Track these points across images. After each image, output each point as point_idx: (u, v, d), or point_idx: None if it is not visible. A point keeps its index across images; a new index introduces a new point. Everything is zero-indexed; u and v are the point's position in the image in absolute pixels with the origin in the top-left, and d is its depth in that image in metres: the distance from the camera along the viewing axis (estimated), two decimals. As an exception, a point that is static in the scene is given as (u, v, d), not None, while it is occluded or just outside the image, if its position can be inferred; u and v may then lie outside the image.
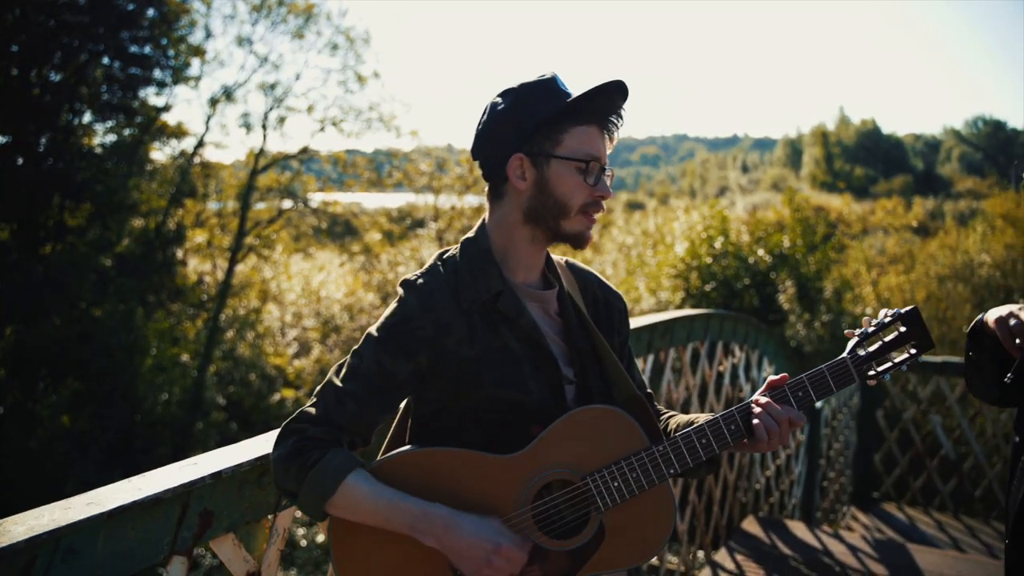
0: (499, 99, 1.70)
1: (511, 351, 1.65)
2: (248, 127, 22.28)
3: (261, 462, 1.78)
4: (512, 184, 1.67)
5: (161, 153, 22.22)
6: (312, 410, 1.61)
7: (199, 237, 22.76)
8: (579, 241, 1.69)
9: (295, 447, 1.57)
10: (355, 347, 1.66)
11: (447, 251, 1.74)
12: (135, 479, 1.63)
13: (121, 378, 17.27)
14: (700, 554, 4.80)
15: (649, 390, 1.96)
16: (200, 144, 21.77)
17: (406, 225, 24.81)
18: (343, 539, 1.63)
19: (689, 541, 4.61)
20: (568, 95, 1.65)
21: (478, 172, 1.78)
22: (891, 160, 58.49)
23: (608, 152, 1.71)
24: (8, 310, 16.89)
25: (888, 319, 1.71)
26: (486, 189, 1.75)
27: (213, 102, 21.73)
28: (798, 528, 5.26)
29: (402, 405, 1.80)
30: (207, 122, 21.70)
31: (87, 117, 19.87)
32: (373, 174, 23.65)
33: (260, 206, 24.34)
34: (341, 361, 1.67)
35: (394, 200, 27.11)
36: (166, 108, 20.90)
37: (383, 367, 1.61)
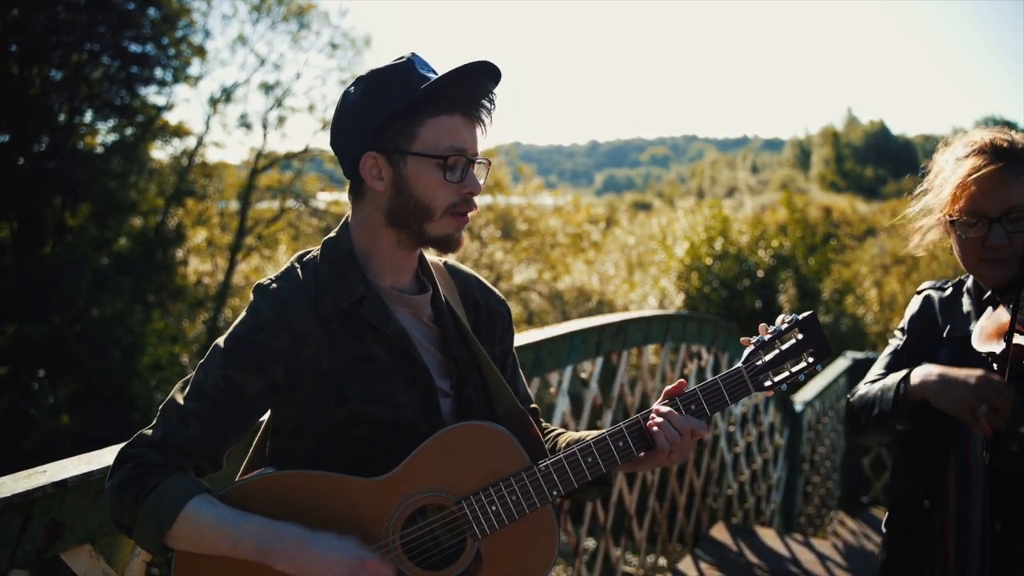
0: (352, 88, 1.54)
1: (378, 362, 1.52)
2: (248, 127, 22.28)
3: (117, 470, 1.68)
4: (369, 185, 1.53)
5: (162, 152, 22.27)
6: (153, 433, 1.46)
7: (199, 236, 22.77)
8: (447, 245, 1.55)
9: (130, 475, 1.40)
10: (201, 361, 1.51)
11: (307, 252, 1.60)
12: (-30, 489, 1.54)
13: (118, 378, 17.26)
14: (662, 562, 4.68)
15: (534, 405, 1.81)
16: (200, 143, 21.79)
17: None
18: (187, 569, 1.46)
19: (649, 548, 4.50)
20: (425, 79, 1.49)
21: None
22: (901, 161, 58.06)
23: (480, 140, 1.54)
24: (7, 309, 16.91)
25: (785, 326, 1.61)
26: (347, 186, 1.60)
27: (213, 102, 21.75)
28: (768, 536, 5.15)
29: (264, 421, 1.67)
30: (207, 122, 21.75)
31: (88, 116, 19.94)
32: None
33: (262, 205, 24.34)
34: (187, 377, 1.52)
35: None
36: (167, 107, 20.96)
37: (231, 382, 1.46)
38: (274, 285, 1.53)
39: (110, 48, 19.13)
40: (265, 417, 1.65)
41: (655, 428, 1.54)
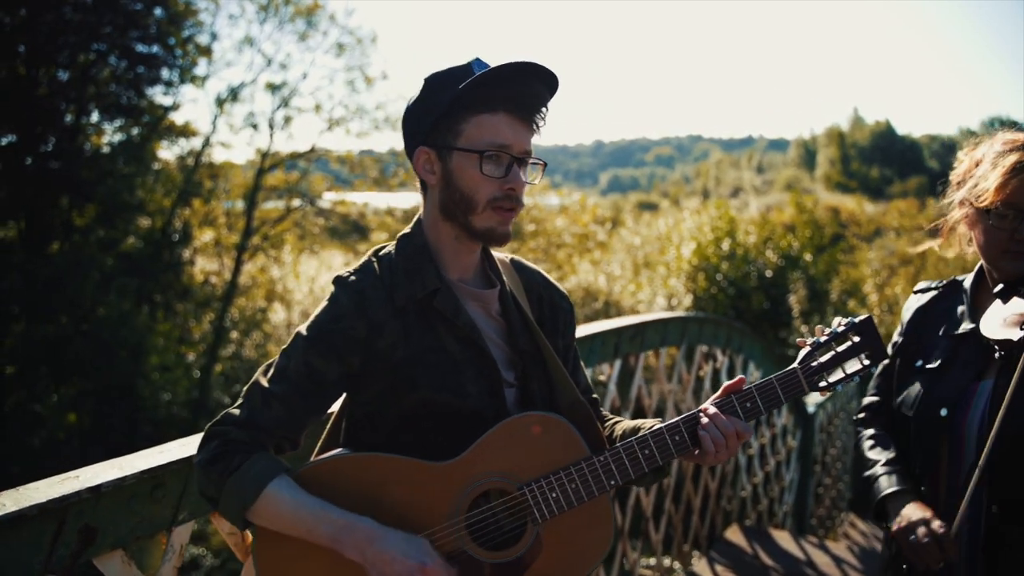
0: (418, 89, 1.64)
1: (448, 353, 1.59)
2: (255, 127, 22.28)
3: (150, 475, 1.68)
4: (424, 180, 1.63)
5: (169, 152, 22.27)
6: (238, 412, 1.55)
7: (206, 236, 22.77)
8: (492, 238, 1.61)
9: (216, 452, 1.50)
10: (284, 347, 1.59)
11: (383, 247, 1.68)
12: (5, 493, 1.53)
13: (124, 377, 17.29)
14: (678, 564, 4.67)
15: (595, 395, 1.89)
16: (207, 144, 21.80)
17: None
18: (267, 547, 1.55)
19: (665, 551, 4.48)
20: None
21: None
22: (907, 161, 57.92)
23: (532, 139, 1.61)
24: (14, 309, 16.95)
25: (841, 328, 1.68)
26: (418, 184, 1.69)
27: (220, 102, 21.74)
28: (783, 538, 5.13)
29: (336, 406, 1.75)
30: (214, 122, 21.74)
31: (94, 116, 19.95)
32: (380, 174, 23.60)
33: (268, 205, 24.35)
34: (270, 361, 1.60)
35: (404, 200, 27.09)
36: (174, 107, 20.93)
37: (312, 368, 1.55)
38: (353, 277, 1.61)
39: (117, 48, 19.14)
40: (339, 402, 1.74)
41: (702, 430, 1.60)
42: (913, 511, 1.88)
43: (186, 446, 1.83)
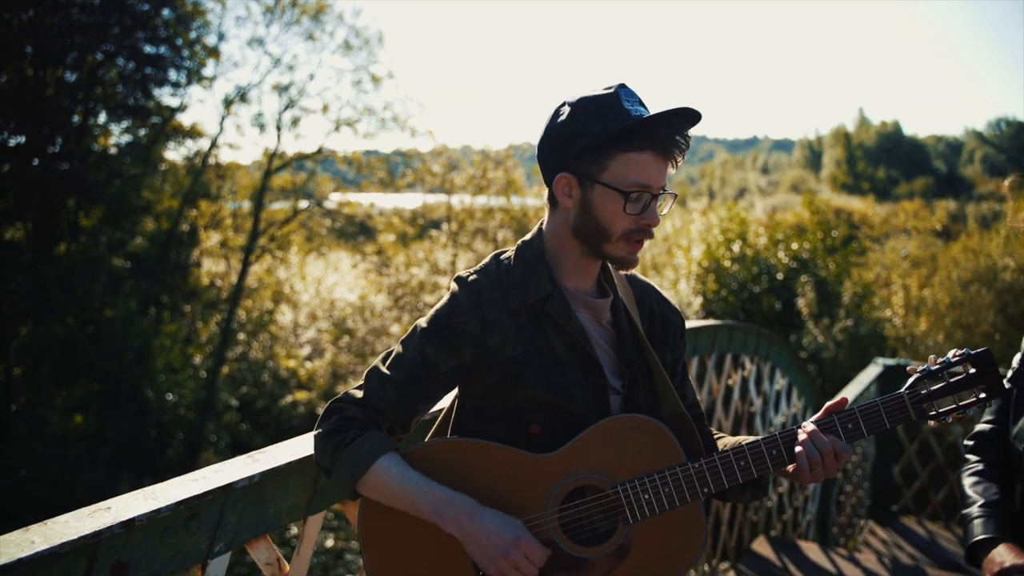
0: (563, 108, 1.66)
1: (556, 355, 1.66)
2: (262, 128, 22.18)
3: (185, 506, 1.57)
4: (560, 201, 1.68)
5: (176, 153, 22.19)
6: (357, 392, 1.67)
7: (214, 238, 22.69)
8: (621, 264, 1.69)
9: (335, 425, 1.63)
10: (403, 337, 1.71)
11: (504, 252, 1.76)
12: (33, 528, 1.43)
13: (130, 380, 17.21)
14: (706, 578, 4.56)
15: (702, 410, 1.91)
16: (214, 145, 21.70)
17: (420, 226, 24.64)
18: (372, 521, 1.65)
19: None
20: (627, 114, 1.58)
21: (491, 174, 1.75)
22: (913, 162, 57.81)
23: (671, 172, 1.65)
24: (21, 310, 16.88)
25: (956, 359, 1.65)
26: (545, 193, 1.74)
27: (227, 103, 21.64)
28: (811, 550, 5.01)
29: (449, 398, 1.85)
30: (221, 123, 21.64)
31: (102, 117, 19.88)
32: (387, 175, 23.49)
33: (276, 206, 24.24)
34: (389, 349, 1.72)
35: (410, 201, 27.02)
36: (181, 108, 20.85)
37: (426, 358, 1.65)
38: (473, 277, 1.70)
39: (124, 49, 19.06)
40: (451, 396, 1.84)
41: (797, 447, 1.61)
42: (1005, 555, 1.81)
43: (220, 473, 1.73)
